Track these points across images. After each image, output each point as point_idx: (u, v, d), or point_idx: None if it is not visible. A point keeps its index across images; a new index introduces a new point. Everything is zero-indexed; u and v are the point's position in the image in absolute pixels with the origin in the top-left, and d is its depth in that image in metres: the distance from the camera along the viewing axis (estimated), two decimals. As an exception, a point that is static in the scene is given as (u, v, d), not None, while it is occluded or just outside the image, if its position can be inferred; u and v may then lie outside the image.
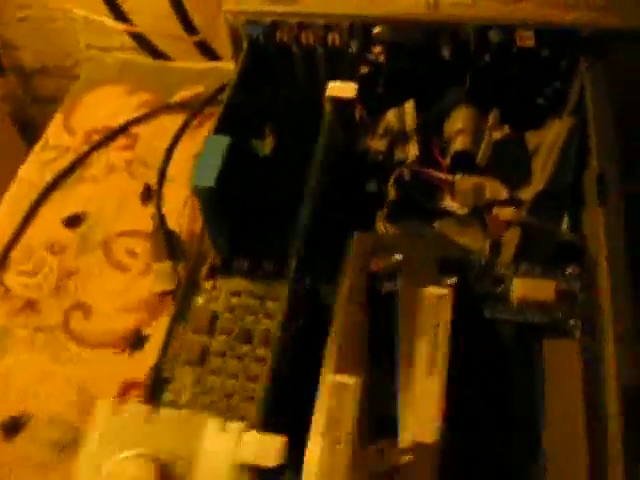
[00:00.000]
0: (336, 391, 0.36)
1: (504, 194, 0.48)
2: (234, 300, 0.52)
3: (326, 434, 0.35)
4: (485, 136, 0.49)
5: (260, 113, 0.59)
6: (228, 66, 0.56)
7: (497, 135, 0.48)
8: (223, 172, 0.47)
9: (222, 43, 0.71)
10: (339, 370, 0.37)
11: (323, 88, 0.50)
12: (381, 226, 0.44)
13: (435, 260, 0.40)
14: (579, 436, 0.36)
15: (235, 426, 0.37)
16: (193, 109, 0.62)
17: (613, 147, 0.43)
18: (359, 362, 0.37)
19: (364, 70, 0.55)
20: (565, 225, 0.47)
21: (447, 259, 0.41)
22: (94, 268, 0.57)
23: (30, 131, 0.96)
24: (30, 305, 0.56)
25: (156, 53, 0.83)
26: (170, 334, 0.50)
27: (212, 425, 0.38)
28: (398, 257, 0.40)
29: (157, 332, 0.52)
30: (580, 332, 0.38)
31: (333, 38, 0.53)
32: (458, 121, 0.51)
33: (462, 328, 0.39)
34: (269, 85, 0.58)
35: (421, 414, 0.35)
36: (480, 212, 0.47)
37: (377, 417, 0.37)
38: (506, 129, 0.48)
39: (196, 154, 0.47)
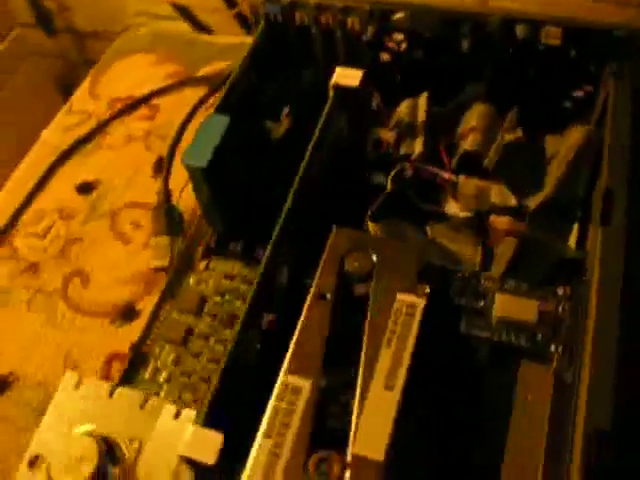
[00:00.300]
0: (287, 393, 0.35)
1: (512, 201, 0.45)
2: (226, 283, 0.51)
3: (271, 436, 0.34)
4: (497, 137, 0.46)
5: (277, 95, 0.58)
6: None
7: (509, 137, 0.45)
8: (218, 152, 0.46)
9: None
10: (293, 371, 0.36)
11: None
12: (368, 223, 0.42)
13: (414, 266, 0.38)
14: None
15: (188, 416, 0.37)
16: (214, 85, 0.61)
17: (625, 165, 0.39)
18: (316, 365, 0.36)
19: (385, 57, 0.53)
20: (573, 240, 0.44)
21: (429, 266, 0.39)
22: (98, 237, 0.57)
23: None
24: (33, 267, 0.56)
25: (198, 25, 0.83)
26: (157, 311, 0.50)
27: (167, 411, 0.37)
28: (374, 258, 0.38)
29: (148, 307, 0.52)
30: (557, 360, 0.36)
31: (352, 22, 0.51)
32: (472, 119, 0.48)
33: (435, 340, 0.37)
34: (288, 67, 0.57)
35: (372, 429, 0.34)
36: (481, 218, 0.44)
37: (330, 425, 0.36)
38: (519, 132, 0.45)
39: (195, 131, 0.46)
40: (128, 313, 0.53)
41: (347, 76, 0.46)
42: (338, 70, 0.47)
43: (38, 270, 0.56)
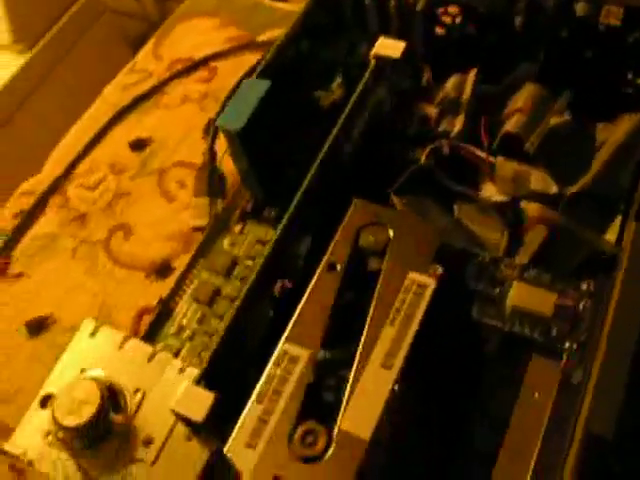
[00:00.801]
0: (284, 361, 0.35)
1: (553, 188, 0.43)
2: (258, 248, 0.51)
3: (262, 402, 0.34)
4: (544, 121, 0.44)
5: (330, 64, 0.57)
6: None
7: (554, 121, 0.43)
8: (255, 117, 0.46)
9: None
10: (292, 339, 0.35)
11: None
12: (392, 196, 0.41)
13: (431, 245, 0.37)
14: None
15: (190, 373, 0.37)
16: (271, 50, 0.61)
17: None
18: (317, 335, 0.35)
19: (439, 31, 0.51)
20: (614, 234, 0.42)
21: (448, 247, 0.38)
22: (145, 193, 0.59)
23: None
24: (81, 217, 0.58)
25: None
26: (188, 269, 0.51)
27: (171, 367, 0.38)
28: (390, 233, 0.37)
29: (184, 265, 0.53)
30: (568, 358, 0.34)
31: (407, -8, 0.49)
32: (520, 99, 0.46)
33: (443, 324, 0.36)
34: (342, 36, 0.55)
35: (363, 407, 0.33)
36: (514, 203, 0.42)
37: (325, 398, 0.35)
38: (566, 116, 0.43)
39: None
40: (164, 269, 0.54)
41: (389, 47, 0.45)
42: (380, 40, 0.45)
43: (85, 220, 0.58)
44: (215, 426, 0.34)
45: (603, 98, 0.45)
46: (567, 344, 0.34)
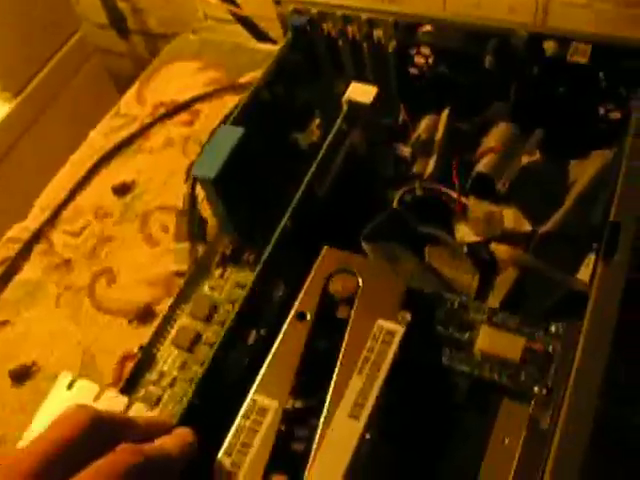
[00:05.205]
0: (253, 412, 0.35)
1: (526, 226, 0.43)
2: (238, 292, 0.51)
3: (231, 454, 0.34)
4: (516, 160, 0.44)
5: (306, 105, 0.58)
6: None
7: (525, 161, 0.43)
8: (228, 165, 0.46)
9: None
10: (262, 390, 0.35)
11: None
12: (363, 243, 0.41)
13: (399, 292, 0.37)
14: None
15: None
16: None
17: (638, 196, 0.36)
18: (286, 386, 0.35)
19: (413, 71, 0.52)
20: (587, 272, 0.41)
21: (417, 292, 0.37)
22: (128, 238, 0.59)
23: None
24: (66, 264, 0.59)
25: (260, 34, 0.84)
26: (169, 315, 0.51)
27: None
28: (359, 281, 0.37)
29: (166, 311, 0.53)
30: (536, 404, 0.33)
31: (379, 34, 0.50)
32: (492, 139, 0.46)
33: (412, 370, 0.35)
34: (318, 77, 0.56)
35: (331, 458, 0.33)
36: (485, 245, 0.42)
37: (294, 448, 0.35)
38: (537, 155, 0.43)
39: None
40: (146, 314, 0.54)
41: (361, 92, 0.45)
42: (353, 85, 0.46)
43: (69, 267, 0.58)
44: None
45: (575, 135, 0.45)
46: (536, 388, 0.34)
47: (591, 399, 0.30)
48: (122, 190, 0.62)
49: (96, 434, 0.31)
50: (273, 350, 0.37)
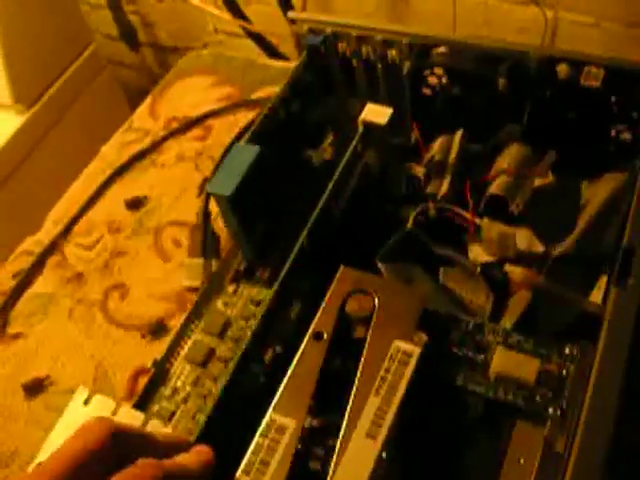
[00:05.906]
0: (271, 431, 0.35)
1: (539, 247, 0.43)
2: (252, 308, 0.51)
3: (250, 473, 0.34)
4: (528, 181, 0.45)
5: (320, 123, 0.58)
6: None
7: (538, 182, 0.44)
8: (244, 182, 0.47)
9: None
10: (280, 410, 0.36)
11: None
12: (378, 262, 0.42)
13: (415, 312, 0.37)
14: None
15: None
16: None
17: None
18: (304, 405, 0.36)
19: (426, 92, 0.52)
20: (600, 295, 0.42)
21: (432, 313, 0.38)
22: (141, 252, 0.59)
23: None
24: (78, 277, 0.59)
25: (271, 50, 0.84)
26: (182, 330, 0.51)
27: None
28: (376, 301, 0.38)
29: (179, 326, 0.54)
30: (551, 425, 0.34)
31: (393, 55, 0.51)
32: (505, 160, 0.46)
33: (428, 390, 0.36)
34: (332, 96, 0.57)
35: (349, 478, 0.33)
36: (500, 266, 0.42)
37: (312, 467, 0.36)
38: (549, 177, 0.44)
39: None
40: (159, 329, 0.55)
41: (376, 113, 0.46)
42: (368, 106, 0.47)
43: (82, 280, 0.59)
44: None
45: (587, 157, 0.46)
46: (551, 410, 0.34)
47: (607, 422, 0.30)
48: (135, 204, 0.63)
49: (117, 446, 0.31)
50: (290, 370, 0.37)
